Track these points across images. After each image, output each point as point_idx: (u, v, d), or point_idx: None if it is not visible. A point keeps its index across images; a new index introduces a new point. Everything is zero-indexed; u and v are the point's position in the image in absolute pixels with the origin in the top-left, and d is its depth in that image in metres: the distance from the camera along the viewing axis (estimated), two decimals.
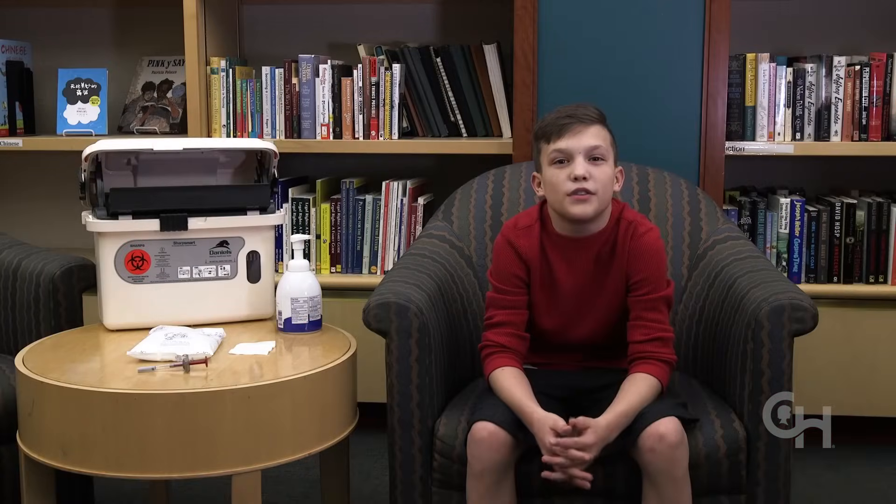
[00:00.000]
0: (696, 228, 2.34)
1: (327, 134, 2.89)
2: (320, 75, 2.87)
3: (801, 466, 2.67)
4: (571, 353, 2.04)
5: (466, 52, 2.94)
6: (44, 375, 1.79)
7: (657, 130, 2.68)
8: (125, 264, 2.08)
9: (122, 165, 2.17)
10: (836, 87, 2.74)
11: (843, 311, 2.76)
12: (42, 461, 1.79)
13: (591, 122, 1.91)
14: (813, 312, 1.88)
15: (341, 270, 2.94)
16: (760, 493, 1.90)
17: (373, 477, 2.68)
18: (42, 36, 3.24)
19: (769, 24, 2.98)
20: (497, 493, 1.83)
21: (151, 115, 3.14)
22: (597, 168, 1.90)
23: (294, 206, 2.94)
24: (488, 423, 1.82)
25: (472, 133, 2.97)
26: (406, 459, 1.95)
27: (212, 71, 2.92)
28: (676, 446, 1.78)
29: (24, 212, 3.32)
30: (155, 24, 3.19)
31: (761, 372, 1.89)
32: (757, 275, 2.05)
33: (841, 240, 2.78)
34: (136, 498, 2.55)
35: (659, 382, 1.88)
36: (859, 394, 2.78)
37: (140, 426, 1.71)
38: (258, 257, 2.16)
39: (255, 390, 1.75)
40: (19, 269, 2.30)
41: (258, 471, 1.76)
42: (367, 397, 2.25)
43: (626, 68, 2.67)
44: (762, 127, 2.76)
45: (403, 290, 1.99)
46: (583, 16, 2.67)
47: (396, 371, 1.93)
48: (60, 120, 3.04)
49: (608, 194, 1.93)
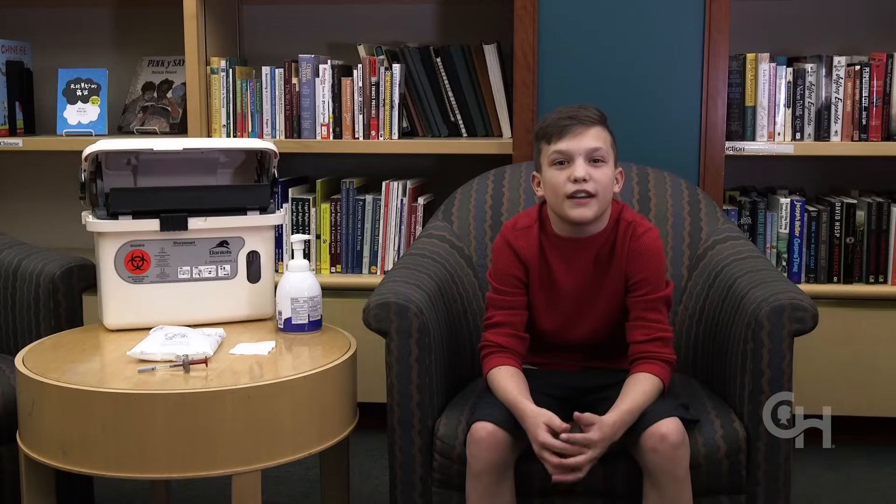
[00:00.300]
0: (696, 228, 2.34)
1: (327, 134, 2.89)
2: (320, 75, 2.87)
3: (801, 466, 2.67)
4: (571, 354, 2.04)
5: (466, 52, 2.94)
6: (44, 375, 1.79)
7: (657, 130, 2.68)
8: (125, 264, 2.08)
9: (122, 165, 2.17)
10: (836, 87, 2.74)
11: (843, 311, 2.76)
12: (42, 461, 1.79)
13: (592, 123, 1.91)
14: (813, 312, 1.88)
15: (341, 270, 2.94)
16: (760, 493, 1.90)
17: (373, 477, 2.68)
18: (42, 36, 3.24)
19: (769, 24, 2.98)
20: (496, 492, 1.83)
21: (151, 115, 3.14)
22: (597, 170, 1.90)
23: (294, 206, 2.94)
24: (487, 422, 1.82)
25: (472, 133, 2.97)
26: (406, 459, 1.95)
27: (212, 71, 2.92)
28: (678, 446, 1.78)
29: (25, 212, 3.32)
30: (155, 24, 3.19)
31: (761, 372, 1.89)
32: (757, 275, 2.05)
33: (841, 240, 2.78)
34: (136, 498, 2.55)
35: (661, 382, 1.88)
36: (859, 394, 2.78)
37: (140, 426, 1.71)
38: (258, 257, 2.16)
39: (255, 390, 1.75)
40: (19, 269, 2.30)
41: (258, 471, 1.76)
42: (367, 397, 2.25)
43: (626, 68, 2.67)
44: (762, 127, 2.76)
45: (403, 290, 1.99)
46: (583, 16, 2.67)
47: (396, 371, 1.93)
48: (60, 120, 3.04)
49: (608, 196, 1.93)
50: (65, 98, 3.05)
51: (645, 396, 1.84)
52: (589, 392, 1.97)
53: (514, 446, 1.83)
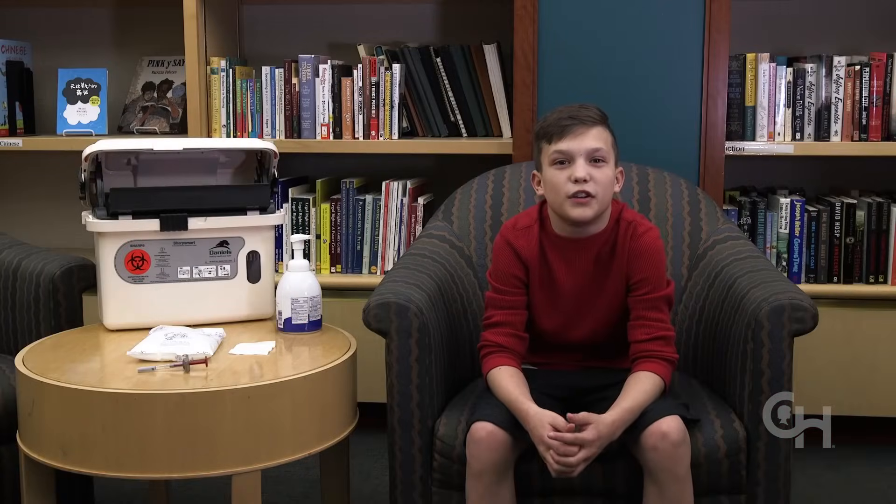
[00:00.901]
0: (696, 228, 2.34)
1: (327, 134, 2.89)
2: (320, 75, 2.87)
3: (801, 466, 2.67)
4: (571, 353, 2.04)
5: (466, 52, 2.94)
6: (44, 375, 1.79)
7: (657, 130, 2.68)
8: (125, 264, 2.08)
9: (122, 165, 2.17)
10: (836, 87, 2.74)
11: (843, 311, 2.76)
12: (42, 461, 1.79)
13: (592, 123, 1.91)
14: (813, 312, 1.88)
15: (341, 270, 2.94)
16: (760, 492, 1.90)
17: (373, 477, 2.68)
18: (42, 36, 3.24)
19: (769, 24, 2.98)
20: (496, 492, 1.83)
21: (151, 115, 3.14)
22: (597, 170, 1.89)
23: (294, 206, 2.94)
24: (487, 422, 1.82)
25: (472, 133, 2.97)
26: (406, 459, 1.95)
27: (212, 71, 2.92)
28: (679, 444, 1.78)
29: (24, 212, 3.32)
30: (155, 24, 3.19)
31: (761, 372, 1.89)
32: (757, 275, 2.05)
33: (841, 240, 2.78)
34: (135, 498, 2.55)
35: (662, 381, 1.88)
36: (859, 394, 2.78)
37: (140, 426, 1.71)
38: (258, 257, 2.16)
39: (255, 390, 1.75)
40: (19, 269, 2.30)
41: (258, 471, 1.76)
42: (367, 397, 2.25)
43: (626, 68, 2.67)
44: (762, 127, 2.76)
45: (403, 290, 1.99)
46: (583, 16, 2.67)
47: (396, 371, 1.93)
48: (60, 120, 3.04)
49: (608, 196, 1.93)
50: (65, 98, 3.05)
51: (646, 395, 1.84)
52: (589, 392, 1.97)
53: (514, 446, 1.83)
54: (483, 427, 1.82)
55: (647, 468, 1.81)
